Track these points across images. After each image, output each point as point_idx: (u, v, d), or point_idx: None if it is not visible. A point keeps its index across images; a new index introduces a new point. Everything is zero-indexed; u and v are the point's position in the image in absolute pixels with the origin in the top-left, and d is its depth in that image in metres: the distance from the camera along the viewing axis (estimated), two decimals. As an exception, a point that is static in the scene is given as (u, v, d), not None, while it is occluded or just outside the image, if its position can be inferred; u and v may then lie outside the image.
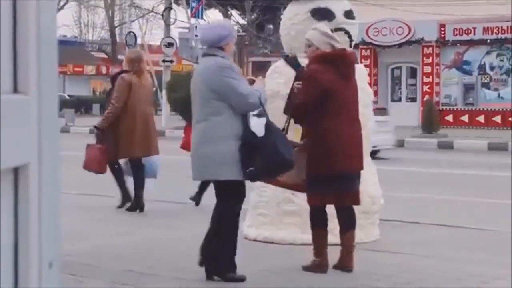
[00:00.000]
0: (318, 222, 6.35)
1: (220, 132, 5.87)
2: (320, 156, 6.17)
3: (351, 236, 6.37)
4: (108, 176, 10.86)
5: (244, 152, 5.85)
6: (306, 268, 6.30)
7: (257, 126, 5.83)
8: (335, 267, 6.34)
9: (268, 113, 6.10)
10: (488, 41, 27.98)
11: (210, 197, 10.29)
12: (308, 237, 7.07)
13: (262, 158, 5.86)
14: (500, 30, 27.82)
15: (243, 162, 5.86)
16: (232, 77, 5.94)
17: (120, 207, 9.81)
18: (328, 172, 6.19)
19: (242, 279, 5.97)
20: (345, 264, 6.35)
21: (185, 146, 10.02)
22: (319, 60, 6.32)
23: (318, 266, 6.25)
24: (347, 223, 6.38)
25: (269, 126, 6.02)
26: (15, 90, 1.22)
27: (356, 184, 6.36)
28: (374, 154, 19.86)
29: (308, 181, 6.23)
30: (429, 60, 28.85)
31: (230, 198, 5.99)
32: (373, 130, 7.97)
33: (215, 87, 5.90)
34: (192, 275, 6.28)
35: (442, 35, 28.72)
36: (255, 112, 5.93)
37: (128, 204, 9.79)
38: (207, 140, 5.89)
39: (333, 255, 6.33)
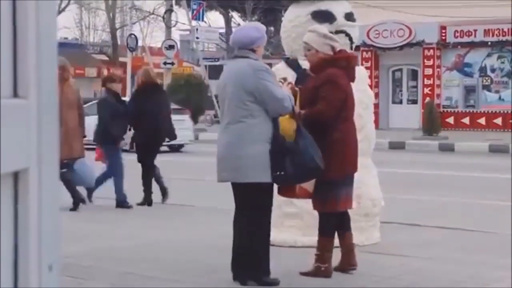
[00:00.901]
0: (332, 229, 6.33)
1: (254, 134, 5.82)
2: (337, 161, 6.11)
3: (351, 235, 6.42)
4: (110, 179, 10.86)
5: (274, 156, 5.81)
6: (307, 274, 6.26)
7: None
8: (336, 269, 6.35)
9: None
10: (489, 43, 27.98)
11: (203, 199, 10.32)
12: (309, 239, 7.08)
13: (294, 163, 5.82)
14: (501, 32, 27.82)
15: (273, 166, 5.81)
16: (268, 80, 5.90)
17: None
18: (343, 176, 6.20)
19: (276, 282, 5.93)
20: (350, 263, 6.38)
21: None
22: (330, 64, 6.26)
23: (324, 271, 6.24)
24: (346, 225, 6.41)
25: (301, 131, 5.99)
26: (15, 94, 1.22)
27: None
28: (179, 148, 21.14)
29: (322, 187, 6.12)
30: (430, 62, 28.84)
31: (259, 202, 5.90)
32: (373, 131, 7.96)
33: (251, 89, 5.85)
34: (193, 277, 6.28)
35: (443, 37, 28.73)
36: None
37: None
38: (241, 142, 5.82)
39: (336, 256, 6.34)
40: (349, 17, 7.85)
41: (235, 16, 49.37)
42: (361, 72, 7.97)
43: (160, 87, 11.08)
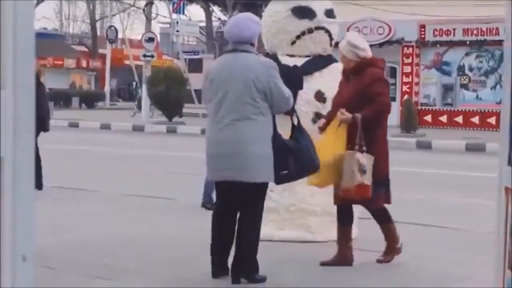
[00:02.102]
0: (389, 215, 6.75)
1: (264, 133, 5.68)
2: (385, 158, 6.49)
3: (351, 230, 6.81)
4: (90, 170, 10.83)
5: (278, 155, 5.71)
6: (385, 258, 6.67)
7: None
8: (330, 263, 6.52)
9: None
10: (468, 42, 28.12)
11: (183, 193, 10.31)
12: (285, 233, 7.13)
13: (296, 162, 5.78)
14: (479, 31, 27.97)
15: (276, 165, 5.72)
16: (278, 77, 5.78)
17: None
18: (388, 173, 6.61)
19: (264, 279, 5.88)
20: (347, 258, 6.65)
21: None
22: (370, 65, 6.60)
23: (399, 249, 6.69)
24: (352, 220, 6.78)
25: (301, 129, 5.95)
26: (-9, 84, 1.22)
27: None
28: None
29: (374, 183, 6.31)
30: (409, 60, 28.96)
31: (260, 201, 5.84)
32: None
33: (263, 87, 5.68)
34: (170, 270, 6.28)
35: (422, 36, 28.84)
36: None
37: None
38: (251, 140, 5.64)
39: (317, 252, 6.36)
40: (329, 13, 7.87)
41: (216, 10, 49.33)
42: (340, 69, 8.01)
43: (41, 81, 11.55)
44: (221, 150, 5.72)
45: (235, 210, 5.90)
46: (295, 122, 6.03)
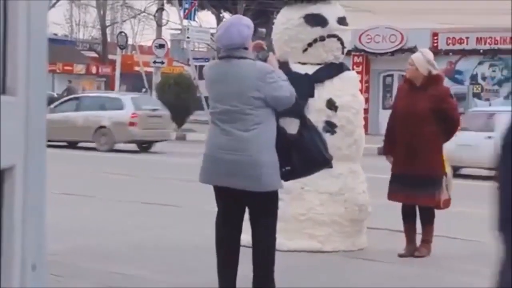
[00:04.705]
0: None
1: (269, 139, 5.45)
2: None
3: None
4: (97, 177, 10.84)
5: (279, 149, 5.47)
6: (422, 256, 7.25)
7: None
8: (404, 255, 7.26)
9: None
10: (481, 51, 28.07)
11: (189, 199, 10.29)
12: (294, 243, 7.09)
13: (300, 157, 5.57)
14: (493, 40, 27.92)
15: (279, 160, 5.47)
16: (276, 81, 5.50)
17: None
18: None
19: None
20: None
21: None
22: (438, 80, 7.50)
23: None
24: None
25: (305, 122, 5.77)
26: (3, 91, 1.21)
27: None
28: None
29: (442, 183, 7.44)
30: (421, 69, 28.94)
31: (273, 209, 5.59)
32: (362, 136, 7.98)
33: (263, 95, 5.43)
34: (178, 278, 6.26)
35: (435, 44, 28.79)
36: None
37: None
38: (256, 150, 5.40)
39: (321, 261, 6.32)
40: (342, 21, 7.85)
41: (227, 16, 49.39)
42: (351, 77, 8.00)
43: None
44: (225, 156, 5.46)
45: (240, 219, 5.65)
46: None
